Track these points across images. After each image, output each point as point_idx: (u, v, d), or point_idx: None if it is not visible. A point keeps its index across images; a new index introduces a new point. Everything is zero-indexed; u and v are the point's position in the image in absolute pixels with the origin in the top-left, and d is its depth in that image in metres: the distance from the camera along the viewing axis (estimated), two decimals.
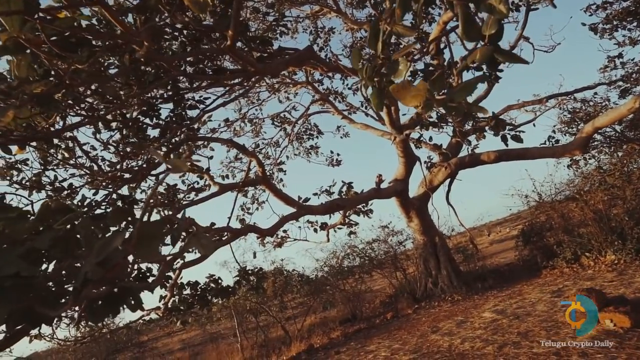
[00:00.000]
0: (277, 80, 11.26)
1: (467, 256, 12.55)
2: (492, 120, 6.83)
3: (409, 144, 9.61)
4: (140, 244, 1.47)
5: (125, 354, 15.53)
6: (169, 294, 6.17)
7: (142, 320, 9.49)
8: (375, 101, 1.82)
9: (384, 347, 6.95)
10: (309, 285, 13.21)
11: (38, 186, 6.35)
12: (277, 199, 7.58)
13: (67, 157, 6.42)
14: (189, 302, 7.28)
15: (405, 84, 1.46)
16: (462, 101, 1.54)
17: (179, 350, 18.20)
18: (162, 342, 21.77)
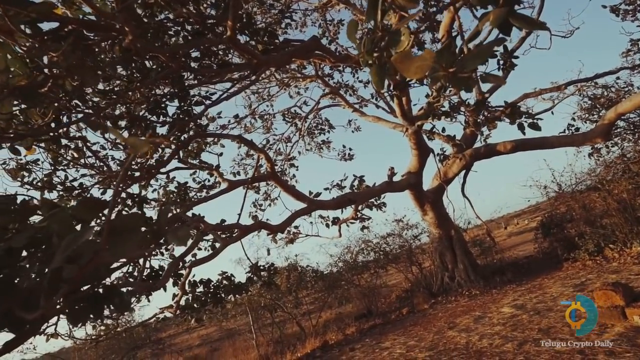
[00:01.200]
0: (287, 75, 11.13)
1: (485, 249, 12.24)
2: (507, 108, 6.56)
3: (422, 136, 9.36)
4: (113, 239, 1.35)
5: (145, 351, 15.76)
6: (181, 292, 6.13)
7: (157, 319, 9.57)
8: (376, 78, 1.66)
9: (399, 344, 6.79)
10: (323, 281, 13.11)
11: (49, 186, 6.38)
12: (287, 195, 7.47)
13: (76, 157, 6.44)
14: (202, 299, 7.26)
15: (409, 53, 1.29)
16: (473, 72, 1.37)
17: (197, 346, 18.43)
18: (181, 338, 22.08)
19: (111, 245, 1.36)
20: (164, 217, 1.45)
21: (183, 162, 7.28)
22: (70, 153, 6.41)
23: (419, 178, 10.09)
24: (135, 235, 1.41)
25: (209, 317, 12.77)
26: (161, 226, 1.41)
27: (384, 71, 1.75)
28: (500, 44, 1.52)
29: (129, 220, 1.39)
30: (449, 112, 5.83)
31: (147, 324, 10.85)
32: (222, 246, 6.06)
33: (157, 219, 1.45)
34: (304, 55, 5.27)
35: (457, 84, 1.51)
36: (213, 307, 7.69)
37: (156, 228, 1.41)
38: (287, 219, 6.94)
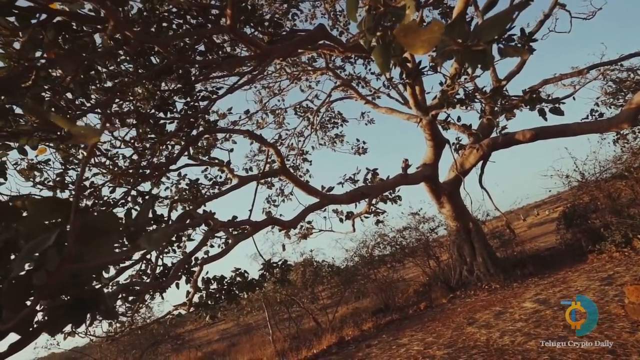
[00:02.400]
0: (297, 69, 10.95)
1: (504, 242, 11.89)
2: (527, 94, 6.24)
3: (437, 126, 9.07)
4: (85, 243, 1.22)
5: (165, 346, 16.01)
6: (193, 289, 6.09)
7: (172, 316, 9.63)
8: (380, 60, 1.48)
9: (416, 340, 6.61)
10: (339, 276, 12.99)
11: (61, 186, 6.41)
12: (299, 190, 7.34)
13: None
14: (215, 296, 7.23)
15: (414, 26, 1.11)
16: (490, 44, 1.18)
17: (216, 341, 18.64)
18: (201, 332, 22.37)
19: (83, 249, 1.23)
20: (142, 217, 1.32)
21: (193, 159, 7.22)
22: (80, 152, 6.42)
23: (435, 170, 9.81)
24: (111, 237, 1.29)
25: (224, 313, 12.82)
26: (139, 227, 1.28)
27: (388, 51, 1.57)
28: (522, 9, 1.31)
29: (103, 221, 1.27)
30: (464, 99, 5.56)
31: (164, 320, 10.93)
32: (233, 243, 5.98)
33: (134, 219, 1.32)
34: (310, 45, 5.09)
35: (472, 59, 1.32)
36: (227, 304, 7.66)
37: (133, 229, 1.28)
38: (299, 215, 6.80)
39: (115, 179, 6.46)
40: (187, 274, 7.02)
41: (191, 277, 6.43)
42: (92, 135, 0.89)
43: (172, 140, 7.00)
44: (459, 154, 9.56)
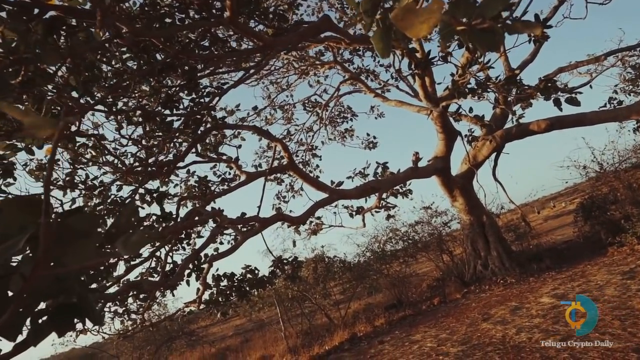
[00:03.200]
0: (305, 63, 10.81)
1: (519, 235, 11.61)
2: (541, 82, 6.01)
3: (448, 118, 8.85)
4: (64, 245, 1.14)
5: (179, 342, 16.18)
6: (202, 287, 6.06)
7: (182, 313, 9.66)
8: (380, 45, 1.35)
9: (430, 337, 6.48)
10: (351, 272, 12.89)
11: (71, 185, 6.44)
12: (308, 185, 7.25)
13: (95, 156, 6.45)
14: (226, 293, 7.21)
15: (412, 7, 0.99)
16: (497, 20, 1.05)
17: (230, 336, 18.78)
18: (217, 328, 22.56)
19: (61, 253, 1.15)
20: (124, 217, 1.23)
21: (201, 156, 7.18)
22: (88, 151, 6.43)
23: (447, 163, 9.60)
24: (91, 240, 1.20)
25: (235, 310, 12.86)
26: (120, 230, 1.19)
27: (389, 35, 1.44)
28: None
29: (83, 223, 1.18)
30: (475, 89, 5.37)
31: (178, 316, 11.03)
32: (241, 240, 5.92)
33: (115, 220, 1.23)
34: (315, 37, 4.96)
35: (480, 40, 1.18)
36: (238, 300, 7.64)
37: (114, 231, 1.19)
38: (307, 210, 6.71)
39: (124, 177, 6.47)
40: (197, 271, 7.02)
41: (201, 274, 6.41)
42: (47, 127, 0.79)
43: (180, 138, 6.98)
44: (472, 146, 9.33)
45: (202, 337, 17.47)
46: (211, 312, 10.23)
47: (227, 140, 9.30)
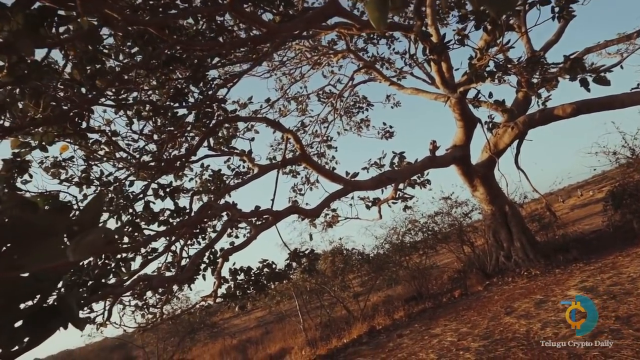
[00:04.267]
0: (318, 53, 10.60)
1: (544, 225, 11.15)
2: (567, 61, 5.62)
3: (466, 105, 8.49)
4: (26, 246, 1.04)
5: (202, 333, 16.49)
6: (217, 281, 6.04)
7: (201, 307, 9.74)
8: (375, 14, 1.18)
9: (450, 331, 6.27)
10: (369, 264, 12.73)
11: (86, 182, 6.50)
12: (321, 177, 7.10)
13: (108, 152, 6.48)
14: (243, 287, 7.19)
15: None
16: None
17: (253, 328, 19.01)
18: (241, 319, 22.88)
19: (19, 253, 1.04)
20: (88, 213, 1.11)
21: (213, 150, 7.13)
22: (102, 148, 6.46)
23: (466, 151, 9.25)
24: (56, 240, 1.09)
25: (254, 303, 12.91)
26: (84, 226, 1.07)
27: (385, 3, 1.26)
28: None
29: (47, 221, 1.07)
30: (494, 71, 5.07)
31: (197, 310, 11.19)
32: (254, 233, 5.83)
33: (79, 215, 1.11)
34: (323, 22, 4.76)
35: (492, 2, 1.00)
36: (256, 294, 7.62)
37: (77, 229, 1.08)
38: (321, 203, 6.57)
39: (136, 173, 6.49)
40: (213, 266, 7.01)
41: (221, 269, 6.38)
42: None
43: (192, 132, 6.94)
44: (492, 133, 8.94)
45: (224, 329, 17.76)
46: (229, 306, 10.31)
47: (240, 133, 9.25)
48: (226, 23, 5.11)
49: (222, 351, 12.60)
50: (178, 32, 4.88)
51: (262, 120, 6.25)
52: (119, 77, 4.54)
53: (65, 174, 6.33)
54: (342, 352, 7.86)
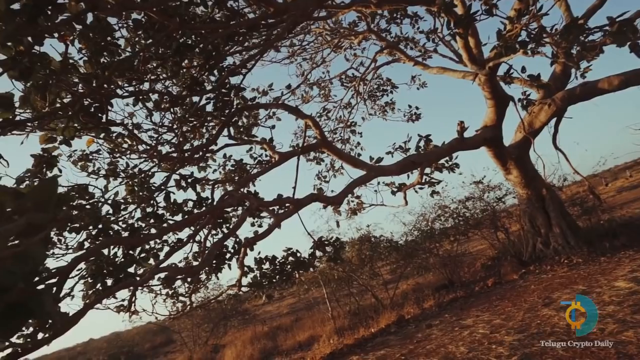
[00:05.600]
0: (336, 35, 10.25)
1: (587, 209, 10.40)
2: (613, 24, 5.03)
3: (497, 82, 7.91)
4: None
5: (235, 319, 16.93)
6: (240, 271, 6.00)
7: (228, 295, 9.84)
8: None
9: (482, 322, 5.96)
10: (398, 252, 12.42)
11: (113, 174, 6.60)
12: (343, 163, 6.87)
13: (131, 145, 6.54)
14: (269, 276, 7.17)
15: None
16: None
17: (285, 315, 19.27)
18: (274, 305, 23.29)
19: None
20: (32, 198, 0.96)
21: (233, 139, 7.05)
22: (125, 140, 6.52)
23: (497, 132, 8.68)
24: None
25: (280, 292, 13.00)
26: (24, 211, 0.93)
27: None
28: None
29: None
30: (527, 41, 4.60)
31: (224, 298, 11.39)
32: (275, 222, 5.72)
33: (19, 201, 0.97)
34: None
35: None
36: (282, 283, 7.59)
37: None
38: (344, 189, 6.35)
39: (158, 164, 6.52)
40: (237, 255, 6.99)
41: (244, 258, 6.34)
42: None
43: (212, 122, 6.88)
44: (527, 111, 8.31)
45: (256, 316, 18.11)
46: (256, 295, 10.38)
47: (262, 121, 9.13)
48: (239, 6, 4.92)
49: (253, 338, 12.78)
50: (192, 20, 4.76)
51: (280, 107, 6.08)
52: (131, 68, 4.49)
53: (93, 167, 6.46)
54: (370, 341, 7.71)
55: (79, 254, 2.65)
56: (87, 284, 4.37)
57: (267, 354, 10.70)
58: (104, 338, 27.95)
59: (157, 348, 20.83)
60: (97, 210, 5.45)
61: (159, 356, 18.63)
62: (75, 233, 4.80)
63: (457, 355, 4.92)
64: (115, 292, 3.61)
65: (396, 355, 5.99)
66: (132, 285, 3.34)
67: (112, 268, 4.66)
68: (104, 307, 5.71)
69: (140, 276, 4.74)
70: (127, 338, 23.97)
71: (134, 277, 4.39)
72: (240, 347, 11.67)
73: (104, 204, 5.34)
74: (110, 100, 5.00)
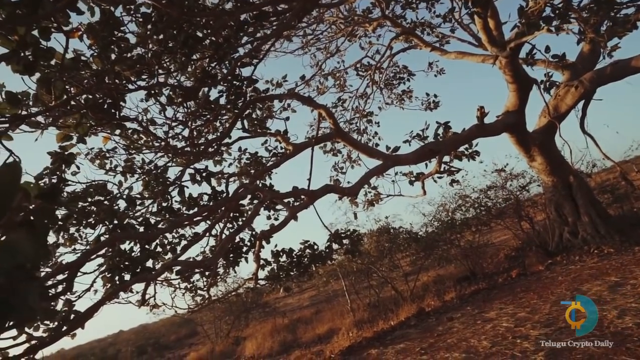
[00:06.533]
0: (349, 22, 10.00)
1: (619, 197, 9.89)
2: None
3: (519, 64, 7.52)
4: None
5: (256, 312, 17.12)
6: (256, 264, 5.96)
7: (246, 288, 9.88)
8: None
9: (506, 316, 5.73)
10: (417, 243, 12.19)
11: (130, 171, 6.66)
12: (358, 152, 6.71)
13: (147, 140, 6.57)
14: (286, 269, 7.13)
15: None
16: None
17: (306, 307, 19.36)
18: (295, 298, 23.46)
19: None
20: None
21: (247, 132, 6.98)
22: (140, 137, 6.55)
23: (520, 117, 8.29)
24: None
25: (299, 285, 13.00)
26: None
27: None
28: None
29: None
30: (551, 17, 4.30)
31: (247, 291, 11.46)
32: (290, 215, 5.64)
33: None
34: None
35: None
36: (300, 275, 7.54)
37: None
38: (359, 180, 6.21)
39: (173, 159, 6.53)
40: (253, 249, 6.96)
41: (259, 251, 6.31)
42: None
43: (226, 115, 6.83)
44: (551, 94, 7.90)
45: (277, 309, 18.26)
46: (273, 288, 10.38)
47: (276, 113, 9.03)
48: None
49: (273, 330, 12.87)
50: (200, 11, 4.67)
51: (292, 96, 5.96)
52: (142, 62, 4.45)
53: (110, 165, 6.52)
54: (389, 334, 7.58)
55: (88, 249, 2.65)
56: (105, 278, 4.41)
57: (286, 346, 10.74)
58: (133, 330, 29.06)
59: (181, 340, 21.35)
60: (113, 206, 5.49)
61: (183, 347, 19.07)
62: (91, 228, 4.85)
63: (479, 350, 4.74)
64: (129, 287, 3.61)
65: (416, 349, 5.85)
66: (145, 279, 3.32)
67: (129, 263, 4.69)
68: (126, 301, 5.81)
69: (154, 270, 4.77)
70: (154, 330, 24.80)
71: (150, 272, 4.40)
72: (261, 339, 11.77)
73: (119, 199, 5.37)
74: (123, 95, 5.00)
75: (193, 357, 13.38)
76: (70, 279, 2.72)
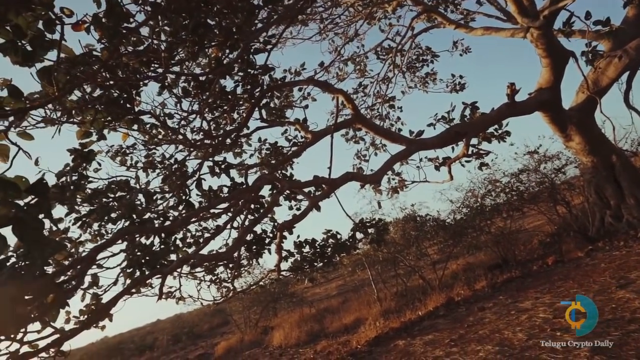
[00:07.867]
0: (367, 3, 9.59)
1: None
2: None
3: (553, 36, 6.93)
4: None
5: (284, 301, 17.28)
6: (277, 255, 5.85)
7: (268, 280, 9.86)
8: None
9: (542, 306, 5.38)
10: (445, 231, 11.77)
11: (150, 166, 6.68)
12: (380, 138, 6.43)
13: (165, 135, 6.54)
14: (310, 259, 7.02)
15: None
16: None
17: (333, 296, 19.36)
18: (322, 287, 23.53)
19: None
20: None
21: (265, 121, 6.83)
22: (159, 131, 6.53)
23: (555, 93, 7.69)
24: None
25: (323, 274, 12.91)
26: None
27: None
28: None
29: None
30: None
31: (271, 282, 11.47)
32: (310, 204, 5.47)
33: None
34: None
35: None
36: (323, 266, 7.42)
37: None
38: (382, 167, 5.93)
39: (191, 152, 6.48)
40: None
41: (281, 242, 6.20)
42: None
43: (243, 105, 6.70)
44: (591, 67, 7.27)
45: (305, 298, 18.33)
46: (298, 279, 10.32)
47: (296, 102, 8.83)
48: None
49: (300, 320, 12.88)
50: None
51: (310, 82, 5.74)
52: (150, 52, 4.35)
53: (130, 161, 6.55)
54: (417, 325, 7.35)
55: (98, 244, 2.62)
56: (126, 274, 4.41)
57: (313, 336, 10.70)
58: (169, 319, 30.21)
59: (214, 329, 21.93)
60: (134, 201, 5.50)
61: (215, 336, 19.54)
62: (112, 224, 4.87)
63: (514, 343, 4.45)
64: (146, 280, 3.57)
65: (445, 340, 5.61)
66: (161, 273, 3.25)
67: (149, 257, 4.68)
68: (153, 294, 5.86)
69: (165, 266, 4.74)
70: (188, 319, 25.67)
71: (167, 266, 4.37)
72: (288, 329, 11.79)
73: (138, 194, 5.37)
74: (137, 89, 4.94)
75: (223, 346, 13.64)
76: (82, 272, 2.65)
